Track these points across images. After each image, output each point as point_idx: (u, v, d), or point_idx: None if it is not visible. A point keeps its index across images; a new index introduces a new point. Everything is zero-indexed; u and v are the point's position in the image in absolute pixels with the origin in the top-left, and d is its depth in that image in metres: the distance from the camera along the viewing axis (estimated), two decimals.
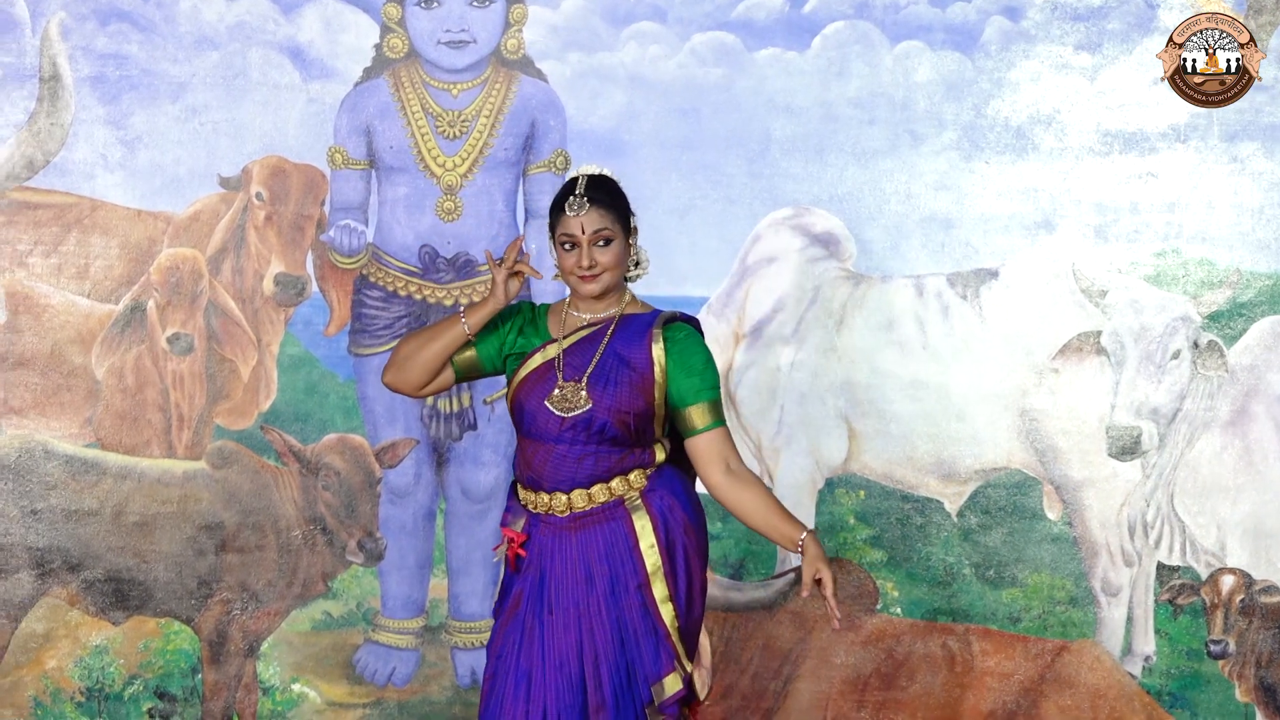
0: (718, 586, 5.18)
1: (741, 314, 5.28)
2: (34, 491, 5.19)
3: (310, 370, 5.27)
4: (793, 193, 5.27)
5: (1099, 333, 5.18)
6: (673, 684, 3.67)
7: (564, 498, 3.66)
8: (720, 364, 5.28)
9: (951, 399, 5.22)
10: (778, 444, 5.25)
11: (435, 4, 5.24)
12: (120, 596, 5.21)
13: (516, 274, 3.66)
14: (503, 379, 4.94)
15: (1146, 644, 5.20)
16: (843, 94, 5.27)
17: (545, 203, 5.23)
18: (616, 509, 3.67)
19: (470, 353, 3.74)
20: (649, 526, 3.66)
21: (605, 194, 3.69)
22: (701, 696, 5.14)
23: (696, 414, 3.67)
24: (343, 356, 5.27)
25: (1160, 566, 5.21)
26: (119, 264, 5.26)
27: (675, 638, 3.67)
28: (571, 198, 3.65)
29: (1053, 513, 5.23)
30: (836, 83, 5.27)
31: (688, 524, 3.73)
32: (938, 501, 5.25)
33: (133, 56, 5.25)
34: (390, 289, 5.26)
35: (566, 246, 3.67)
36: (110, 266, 5.26)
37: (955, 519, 5.25)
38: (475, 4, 5.24)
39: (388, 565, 5.24)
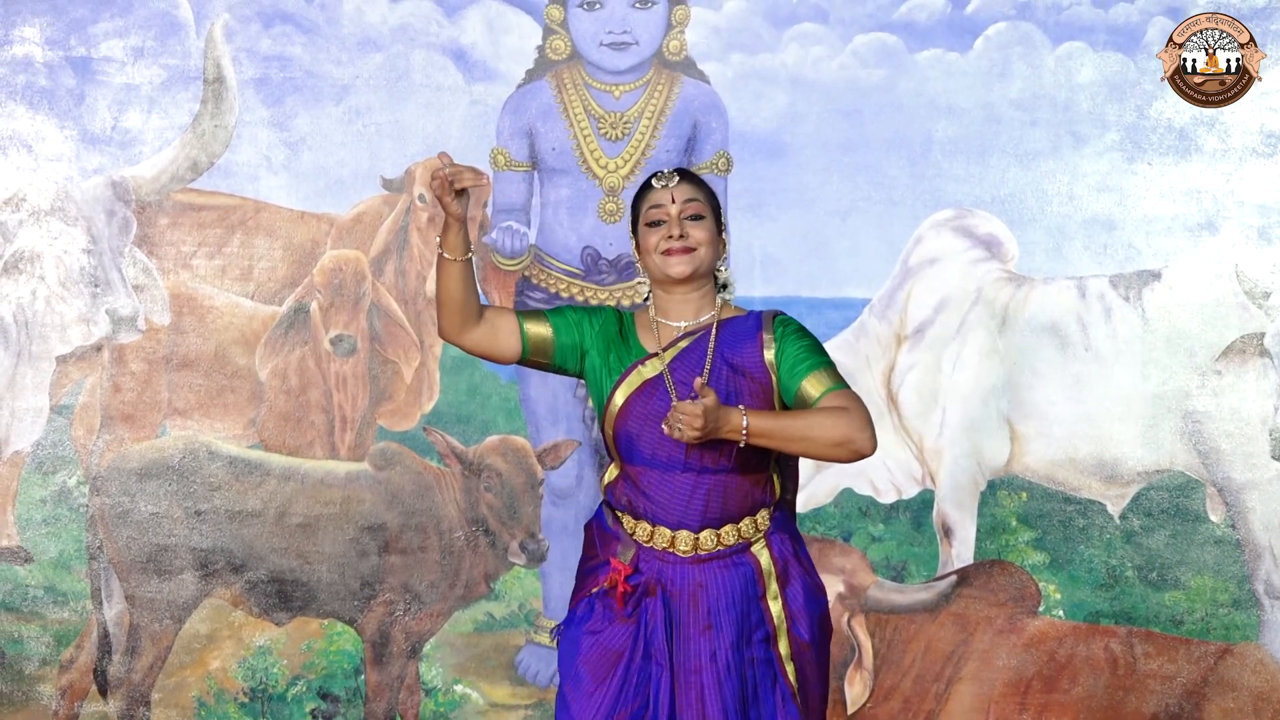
0: (880, 589, 5.18)
1: (904, 315, 5.27)
2: (198, 493, 5.20)
3: (472, 372, 5.28)
4: (955, 194, 5.27)
5: (1262, 334, 5.17)
6: None
7: (690, 537, 3.34)
8: (882, 365, 5.29)
9: (1114, 401, 5.21)
10: (940, 445, 5.24)
11: (598, 6, 5.25)
12: (283, 597, 5.22)
13: (459, 192, 3.26)
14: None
15: None
16: (1005, 95, 5.27)
17: None
18: (743, 553, 3.36)
19: (545, 330, 3.38)
20: (774, 575, 3.37)
21: (695, 177, 3.41)
22: (863, 699, 5.18)
23: (810, 385, 3.27)
24: None
25: None
26: (282, 266, 5.27)
27: (798, 699, 3.36)
28: (660, 172, 3.39)
29: (1216, 515, 5.22)
30: (999, 84, 5.27)
31: (808, 577, 3.44)
32: (1100, 504, 5.24)
33: (296, 58, 5.26)
34: (552, 290, 5.26)
35: (654, 223, 3.35)
36: (274, 268, 5.27)
37: (1118, 521, 5.24)
38: (638, 5, 5.25)
39: (550, 567, 5.25)
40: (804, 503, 5.22)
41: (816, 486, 5.25)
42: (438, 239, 3.33)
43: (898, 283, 5.28)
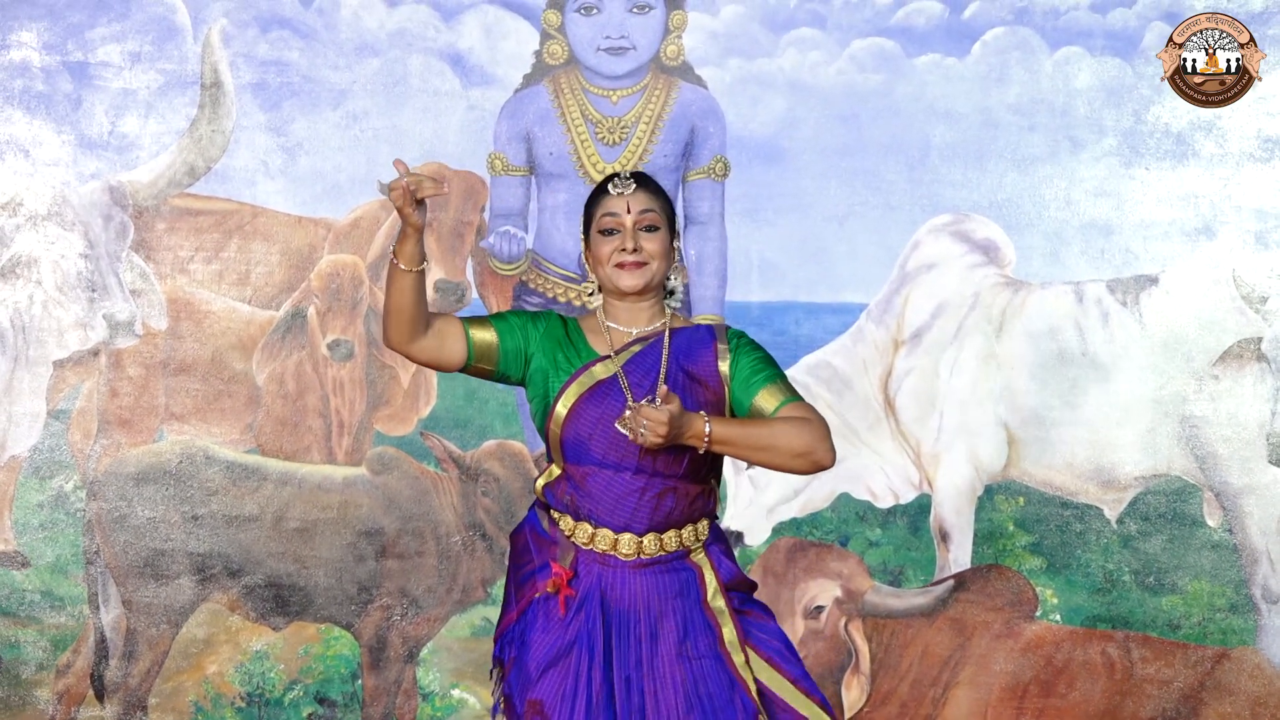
0: (877, 594, 5.18)
1: (901, 320, 5.27)
2: (195, 497, 5.20)
3: (470, 377, 5.26)
4: (952, 199, 5.27)
5: (1259, 339, 5.17)
6: None
7: (634, 540, 3.30)
8: (879, 370, 5.29)
9: (1111, 405, 5.21)
10: (937, 450, 5.24)
11: (595, 11, 5.25)
12: (280, 602, 5.22)
13: (419, 201, 3.18)
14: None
15: None
16: (1002, 100, 5.27)
17: (705, 209, 5.25)
18: (683, 559, 3.34)
19: (490, 336, 3.32)
20: (715, 582, 3.35)
21: (652, 183, 3.37)
22: (860, 704, 5.19)
23: (765, 398, 3.25)
24: None
25: None
26: (279, 270, 5.27)
27: (753, 692, 3.30)
28: (616, 178, 3.33)
29: (1213, 519, 5.22)
30: (996, 89, 5.27)
31: (744, 585, 3.42)
32: (1097, 508, 5.24)
33: (293, 63, 5.26)
34: (550, 295, 5.27)
35: (607, 232, 3.31)
36: (271, 273, 5.27)
37: (1115, 525, 5.24)
38: (635, 11, 5.25)
39: None
40: (801, 507, 5.23)
41: (814, 491, 5.25)
42: (391, 249, 3.26)
43: (895, 288, 5.28)
